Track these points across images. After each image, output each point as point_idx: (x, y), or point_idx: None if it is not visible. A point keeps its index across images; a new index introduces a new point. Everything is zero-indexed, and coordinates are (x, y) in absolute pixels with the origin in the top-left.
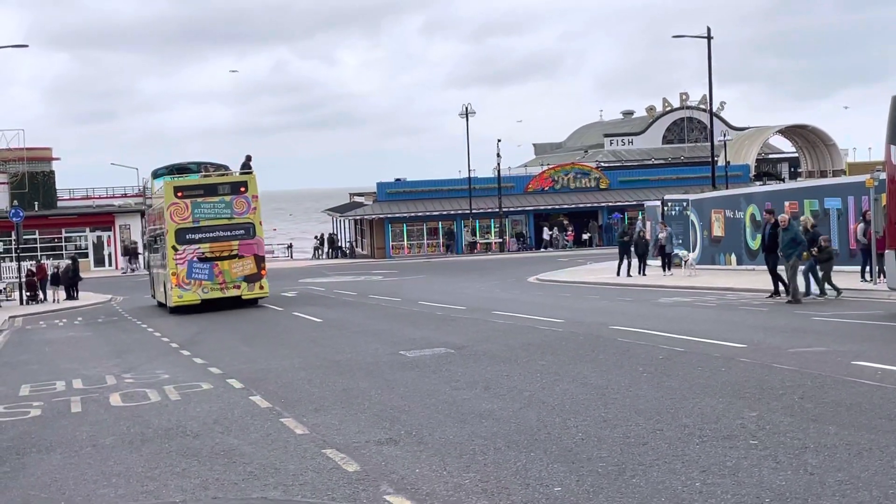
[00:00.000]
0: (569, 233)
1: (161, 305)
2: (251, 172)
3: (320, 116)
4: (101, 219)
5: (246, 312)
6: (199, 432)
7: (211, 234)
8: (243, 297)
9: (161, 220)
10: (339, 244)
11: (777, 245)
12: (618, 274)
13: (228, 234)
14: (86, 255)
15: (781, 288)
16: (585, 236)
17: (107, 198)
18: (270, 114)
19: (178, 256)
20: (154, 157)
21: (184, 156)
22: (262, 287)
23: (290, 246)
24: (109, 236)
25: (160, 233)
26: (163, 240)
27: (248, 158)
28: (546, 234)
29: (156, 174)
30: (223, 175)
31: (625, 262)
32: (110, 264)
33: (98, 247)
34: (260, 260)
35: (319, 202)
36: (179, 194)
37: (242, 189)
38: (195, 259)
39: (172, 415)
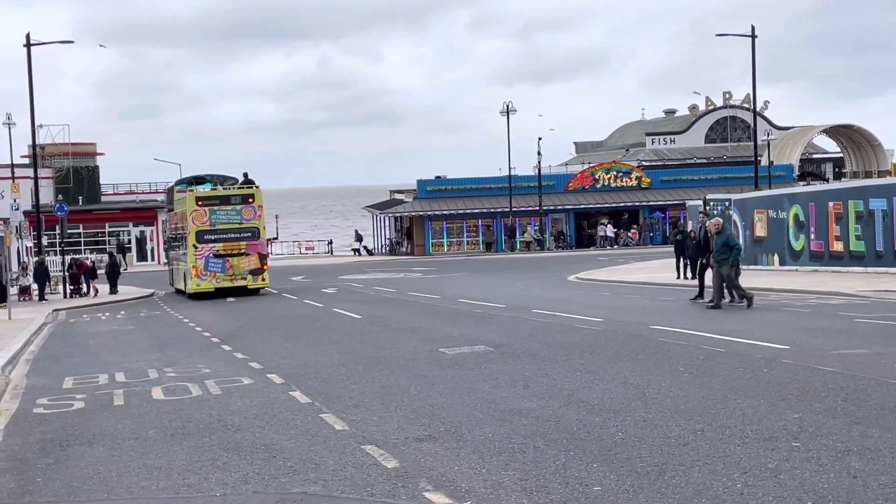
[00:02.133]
0: (633, 230)
1: (179, 292)
2: (256, 186)
3: (363, 113)
4: (144, 214)
5: (286, 308)
6: (240, 426)
7: (224, 236)
8: (249, 286)
9: (183, 223)
10: (365, 243)
11: (709, 248)
12: (677, 276)
13: (238, 236)
14: (129, 250)
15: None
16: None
17: (150, 193)
18: (314, 110)
19: (197, 253)
20: (197, 153)
21: (227, 152)
22: (264, 279)
23: (331, 242)
24: (152, 231)
25: (182, 233)
26: (184, 239)
27: (246, 175)
28: (609, 230)
29: (178, 182)
30: (234, 187)
31: (682, 262)
32: (153, 259)
33: (141, 241)
34: (263, 257)
35: (360, 199)
36: (200, 203)
37: (250, 200)
38: (211, 255)
39: (213, 409)
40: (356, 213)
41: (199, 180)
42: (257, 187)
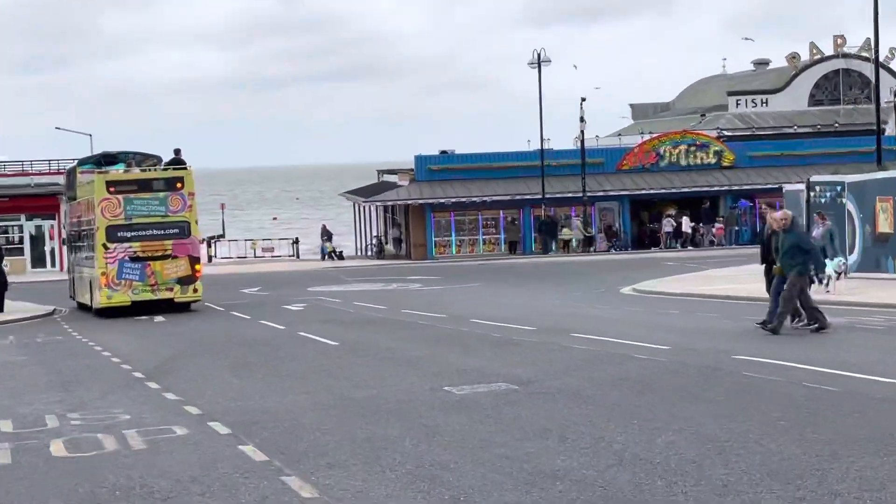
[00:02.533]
0: (717, 226)
1: (83, 308)
2: (185, 167)
3: (343, 66)
4: (42, 202)
5: (235, 331)
6: (171, 493)
7: (143, 233)
8: (176, 300)
9: (90, 216)
10: (336, 243)
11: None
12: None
13: (162, 232)
14: (20, 251)
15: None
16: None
17: (50, 174)
18: (276, 61)
19: (108, 255)
20: (115, 120)
21: (156, 118)
22: (195, 290)
23: (297, 242)
24: (52, 226)
25: (88, 230)
26: (91, 237)
27: (178, 152)
28: (685, 224)
29: (82, 162)
30: (156, 168)
31: None
32: (53, 264)
33: (37, 240)
34: (194, 261)
35: (338, 182)
36: (112, 189)
37: (178, 185)
38: (126, 258)
39: (135, 469)
40: (333, 201)
41: (109, 159)
42: (187, 168)
